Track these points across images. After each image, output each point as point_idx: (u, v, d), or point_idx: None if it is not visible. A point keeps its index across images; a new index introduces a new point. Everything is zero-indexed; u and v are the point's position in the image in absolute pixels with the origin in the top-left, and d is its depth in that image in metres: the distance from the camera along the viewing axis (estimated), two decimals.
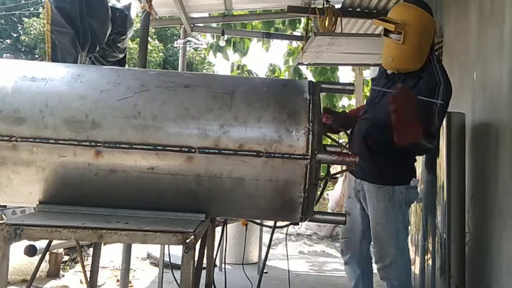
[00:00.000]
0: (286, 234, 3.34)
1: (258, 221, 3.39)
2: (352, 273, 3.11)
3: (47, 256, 4.83)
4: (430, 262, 3.57)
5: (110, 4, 4.33)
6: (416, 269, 3.59)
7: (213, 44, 9.12)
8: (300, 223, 2.20)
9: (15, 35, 25.03)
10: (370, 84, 3.14)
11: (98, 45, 3.96)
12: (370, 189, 2.90)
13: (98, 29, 3.88)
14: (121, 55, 4.55)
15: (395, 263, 2.88)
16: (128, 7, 4.64)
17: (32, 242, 2.20)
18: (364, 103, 3.57)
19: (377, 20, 2.83)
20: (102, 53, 4.25)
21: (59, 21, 3.56)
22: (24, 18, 23.69)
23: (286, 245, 4.49)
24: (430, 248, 3.58)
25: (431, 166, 3.57)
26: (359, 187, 2.98)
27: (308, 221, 2.17)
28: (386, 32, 2.77)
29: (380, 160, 2.83)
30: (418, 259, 3.55)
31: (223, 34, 7.27)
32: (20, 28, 24.24)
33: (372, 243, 2.97)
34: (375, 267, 3.00)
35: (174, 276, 3.56)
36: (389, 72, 2.89)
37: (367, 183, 2.91)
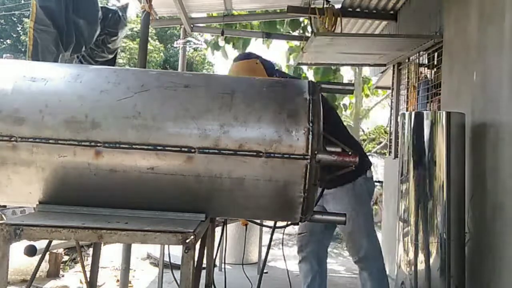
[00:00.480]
0: (283, 234, 3.35)
1: (258, 221, 3.39)
2: (310, 269, 3.26)
3: (47, 256, 4.83)
4: (429, 262, 3.57)
5: (103, 5, 4.33)
6: (416, 269, 3.59)
7: (211, 42, 9.10)
8: (300, 223, 2.21)
9: (15, 35, 25.01)
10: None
11: (85, 45, 3.96)
12: (331, 191, 3.03)
13: (85, 29, 3.89)
14: (111, 56, 4.55)
15: (370, 252, 3.09)
16: (124, 8, 4.63)
17: (32, 242, 2.21)
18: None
19: None
20: (90, 53, 4.25)
21: (43, 20, 3.56)
22: (24, 18, 23.68)
23: (283, 244, 4.48)
24: (430, 248, 3.57)
25: (420, 161, 3.57)
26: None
27: (308, 221, 2.17)
28: None
29: None
30: (418, 259, 3.55)
31: (222, 34, 7.28)
32: (20, 28, 24.22)
33: (345, 240, 3.16)
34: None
35: (174, 276, 3.56)
36: None
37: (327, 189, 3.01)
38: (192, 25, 6.89)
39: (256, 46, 10.05)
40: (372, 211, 3.28)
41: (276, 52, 12.17)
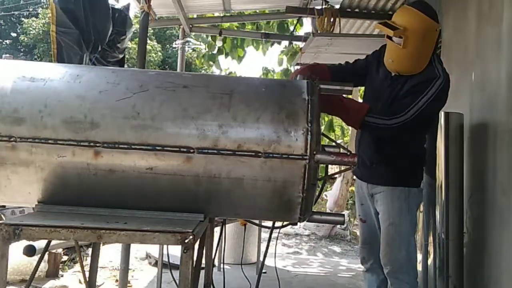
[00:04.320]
0: (279, 232, 3.31)
1: (257, 221, 3.39)
2: (376, 279, 3.10)
3: (46, 256, 4.83)
4: (428, 262, 3.57)
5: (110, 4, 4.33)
6: None
7: (205, 54, 9.12)
8: (298, 223, 2.21)
9: (14, 35, 25.01)
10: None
11: (100, 45, 3.97)
12: (384, 189, 2.89)
13: (100, 29, 3.89)
14: (121, 56, 4.56)
15: (405, 266, 2.87)
16: (127, 8, 4.64)
17: (31, 242, 2.21)
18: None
19: (378, 24, 2.83)
20: (102, 54, 4.25)
21: (64, 22, 3.56)
22: (23, 19, 23.67)
23: (276, 244, 4.47)
24: (428, 248, 3.58)
25: (430, 166, 3.57)
26: (372, 191, 2.97)
27: (307, 221, 2.18)
28: (388, 35, 2.77)
29: (395, 163, 2.85)
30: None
31: (220, 35, 7.28)
32: (19, 28, 24.21)
33: (382, 247, 2.92)
34: None
35: (172, 276, 3.56)
36: (392, 74, 2.88)
37: (381, 186, 2.90)
38: (191, 26, 6.89)
39: (249, 54, 10.04)
40: (417, 224, 3.07)
41: (269, 58, 12.10)
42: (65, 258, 5.68)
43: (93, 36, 3.75)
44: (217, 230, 3.33)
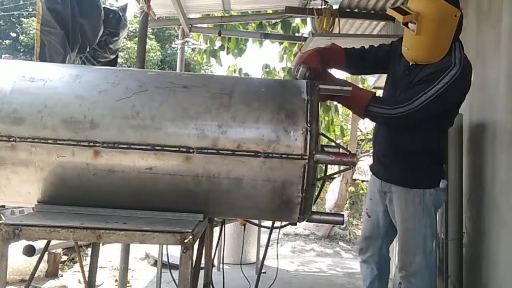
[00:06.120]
0: (278, 233, 3.30)
1: (256, 221, 3.39)
2: (369, 272, 3.04)
3: (45, 256, 4.83)
4: None
5: (104, 5, 4.34)
6: None
7: (207, 49, 9.10)
8: (298, 223, 2.21)
9: (13, 35, 25.01)
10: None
11: (89, 46, 3.97)
12: (398, 191, 2.80)
13: (89, 30, 3.90)
14: (113, 56, 4.56)
15: (420, 272, 2.78)
16: (123, 9, 4.65)
17: (30, 242, 2.21)
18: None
19: (390, 8, 2.66)
20: (93, 54, 4.27)
21: (50, 21, 3.58)
22: (22, 19, 23.66)
23: (278, 244, 4.48)
24: None
25: None
26: (386, 188, 2.88)
27: (306, 221, 2.18)
28: (405, 22, 2.62)
29: (411, 162, 2.76)
30: None
31: (219, 35, 7.28)
32: (18, 28, 24.21)
33: (398, 250, 2.87)
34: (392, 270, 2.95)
35: (172, 276, 3.57)
36: (410, 63, 2.75)
37: (396, 186, 2.81)
38: (190, 26, 6.89)
39: (251, 51, 9.98)
40: (436, 227, 2.98)
41: (270, 53, 12.05)
42: (64, 258, 5.69)
43: (80, 37, 3.76)
44: (216, 230, 3.33)
